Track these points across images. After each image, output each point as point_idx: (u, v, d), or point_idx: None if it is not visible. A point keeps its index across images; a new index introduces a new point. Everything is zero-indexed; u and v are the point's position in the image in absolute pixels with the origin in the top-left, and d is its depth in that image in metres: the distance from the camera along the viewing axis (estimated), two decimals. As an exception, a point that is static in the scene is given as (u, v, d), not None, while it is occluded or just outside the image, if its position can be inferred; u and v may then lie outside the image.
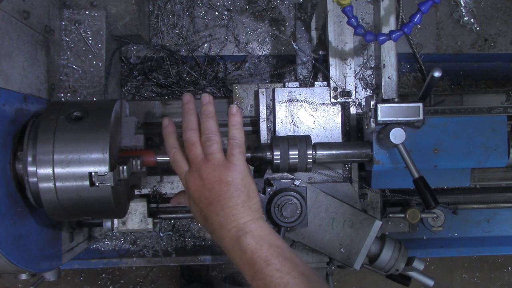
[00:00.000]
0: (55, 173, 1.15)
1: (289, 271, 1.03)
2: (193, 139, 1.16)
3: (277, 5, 2.01)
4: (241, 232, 1.08)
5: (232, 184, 1.11)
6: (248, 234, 1.08)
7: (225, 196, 1.11)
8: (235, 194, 1.11)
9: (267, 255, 1.05)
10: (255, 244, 1.06)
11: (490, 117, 1.40)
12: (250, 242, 1.06)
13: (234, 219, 1.10)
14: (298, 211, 1.36)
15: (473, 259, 2.72)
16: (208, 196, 1.12)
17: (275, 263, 1.04)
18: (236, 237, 1.08)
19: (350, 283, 2.79)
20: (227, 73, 2.03)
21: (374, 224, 1.44)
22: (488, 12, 1.98)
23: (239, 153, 1.15)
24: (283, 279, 1.01)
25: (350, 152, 1.40)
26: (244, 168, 1.15)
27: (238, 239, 1.08)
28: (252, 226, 1.09)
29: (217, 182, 1.11)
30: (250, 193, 1.13)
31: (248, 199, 1.12)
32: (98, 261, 1.95)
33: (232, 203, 1.10)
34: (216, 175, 1.12)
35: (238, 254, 1.08)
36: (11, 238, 1.16)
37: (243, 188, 1.12)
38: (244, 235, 1.08)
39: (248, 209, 1.11)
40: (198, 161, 1.14)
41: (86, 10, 1.63)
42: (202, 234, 2.05)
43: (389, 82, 1.49)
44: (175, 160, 1.19)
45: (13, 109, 1.21)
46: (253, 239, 1.07)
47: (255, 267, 1.04)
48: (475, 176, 1.80)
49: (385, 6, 1.47)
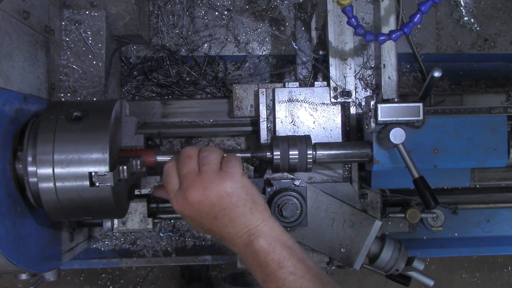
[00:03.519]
0: (55, 173, 1.15)
1: (303, 274, 1.02)
2: (189, 153, 1.10)
3: (277, 5, 2.01)
4: (253, 236, 1.06)
5: (233, 194, 1.06)
6: (260, 236, 1.05)
7: (230, 208, 1.06)
8: (240, 203, 1.06)
9: (280, 257, 1.03)
10: (268, 246, 1.04)
11: (490, 117, 1.40)
12: (262, 245, 1.05)
13: (245, 226, 1.07)
14: (298, 211, 1.36)
15: (473, 259, 2.72)
16: (210, 212, 1.06)
17: (288, 266, 1.02)
18: (248, 241, 1.06)
19: (350, 283, 2.79)
20: (227, 73, 2.03)
21: (374, 224, 1.44)
22: (488, 12, 1.98)
23: (233, 159, 1.10)
24: (296, 283, 1.00)
25: (350, 152, 1.40)
26: (240, 174, 1.09)
27: (250, 243, 1.05)
28: (264, 228, 1.07)
29: (216, 196, 1.05)
30: (254, 198, 1.09)
31: (254, 205, 1.08)
32: (98, 261, 1.95)
33: (239, 213, 1.06)
34: (214, 188, 1.05)
35: (251, 257, 1.06)
36: (11, 238, 1.16)
37: (246, 195, 1.07)
38: (256, 239, 1.05)
39: (257, 213, 1.08)
40: (192, 175, 1.07)
41: (86, 10, 1.63)
42: (202, 234, 2.05)
43: (389, 82, 1.49)
44: (167, 175, 1.11)
45: (13, 109, 1.21)
46: (265, 241, 1.05)
47: (268, 269, 1.03)
48: (475, 176, 1.80)
49: (385, 6, 1.48)
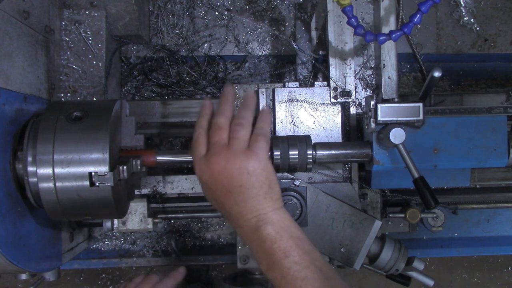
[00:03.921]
0: (55, 173, 1.15)
1: (308, 265, 1.01)
2: (222, 123, 1.10)
3: (277, 5, 2.00)
4: (261, 222, 1.05)
5: (254, 174, 1.05)
6: (268, 224, 1.05)
7: (246, 187, 1.05)
8: (256, 185, 1.06)
9: (286, 247, 1.03)
10: (275, 234, 1.04)
11: (490, 117, 1.40)
12: (270, 232, 1.04)
13: (255, 210, 1.06)
14: (298, 211, 1.36)
15: (473, 259, 2.71)
16: (227, 184, 1.06)
17: (294, 255, 1.02)
18: (256, 227, 1.05)
19: (350, 283, 2.78)
20: (227, 73, 2.03)
21: (374, 224, 1.44)
22: (488, 12, 1.98)
23: (262, 140, 1.10)
24: (301, 273, 1.00)
25: (350, 152, 1.40)
26: (266, 157, 1.09)
27: (258, 229, 1.05)
28: (274, 216, 1.06)
29: (237, 170, 1.05)
30: (271, 184, 1.08)
31: (269, 190, 1.07)
32: (98, 261, 1.95)
33: (253, 194, 1.06)
34: (237, 162, 1.05)
35: (256, 242, 1.05)
36: (11, 238, 1.16)
37: (265, 179, 1.07)
38: (264, 225, 1.05)
39: (270, 200, 1.07)
40: (220, 145, 1.08)
41: (86, 10, 1.63)
42: (202, 234, 2.05)
43: (389, 82, 1.49)
44: (197, 140, 1.12)
45: (13, 109, 1.21)
46: (273, 229, 1.04)
47: (273, 257, 1.02)
48: (475, 176, 1.80)
49: (385, 6, 1.47)
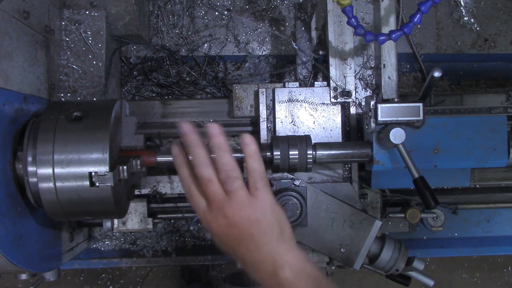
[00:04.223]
0: (55, 173, 1.15)
1: None
2: (209, 176, 1.06)
3: (277, 5, 2.01)
4: (278, 266, 1.03)
5: (263, 221, 1.04)
6: (285, 267, 1.03)
7: (258, 236, 1.04)
8: (268, 231, 1.04)
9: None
10: (293, 277, 1.02)
11: (490, 117, 1.40)
12: (288, 276, 1.02)
13: (270, 255, 1.04)
14: (298, 211, 1.36)
15: (473, 259, 2.71)
16: (237, 236, 1.05)
17: None
18: (273, 272, 1.03)
19: (350, 283, 2.79)
20: (227, 73, 2.03)
21: (374, 224, 1.44)
22: (488, 12, 1.98)
23: (263, 186, 1.07)
24: None
25: (350, 152, 1.39)
26: (271, 200, 1.07)
27: (275, 274, 1.03)
28: (289, 258, 1.04)
29: (246, 221, 1.04)
30: (282, 225, 1.07)
31: (281, 232, 1.06)
32: (98, 261, 1.95)
33: (266, 240, 1.04)
34: (244, 214, 1.04)
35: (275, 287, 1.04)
36: (11, 238, 1.16)
37: (275, 222, 1.06)
38: (281, 269, 1.03)
39: (283, 242, 1.06)
40: (219, 199, 1.05)
41: (86, 10, 1.63)
42: (202, 234, 2.05)
43: (389, 82, 1.49)
44: (192, 196, 1.11)
45: (13, 109, 1.21)
46: (291, 272, 1.02)
47: None
48: (475, 176, 1.80)
49: (385, 6, 1.47)
